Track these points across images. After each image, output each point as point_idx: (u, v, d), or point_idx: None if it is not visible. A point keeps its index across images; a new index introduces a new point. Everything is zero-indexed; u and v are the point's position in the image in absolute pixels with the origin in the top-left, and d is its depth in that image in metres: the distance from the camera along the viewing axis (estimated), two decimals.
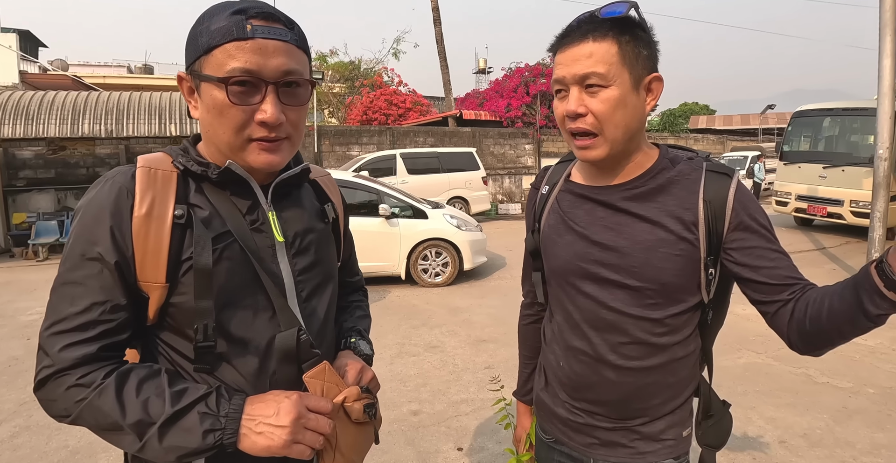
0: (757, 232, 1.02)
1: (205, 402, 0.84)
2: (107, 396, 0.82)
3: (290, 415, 0.84)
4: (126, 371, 0.85)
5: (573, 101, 1.01)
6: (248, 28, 0.83)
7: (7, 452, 3.16)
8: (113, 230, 0.85)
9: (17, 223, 11.04)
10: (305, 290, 1.00)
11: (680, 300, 1.07)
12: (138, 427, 0.81)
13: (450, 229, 7.04)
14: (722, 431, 1.20)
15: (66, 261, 0.87)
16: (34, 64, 19.85)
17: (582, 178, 1.17)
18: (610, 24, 0.99)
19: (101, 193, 0.87)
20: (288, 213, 1.00)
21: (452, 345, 4.87)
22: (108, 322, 0.85)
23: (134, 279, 0.87)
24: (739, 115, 29.90)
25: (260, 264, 0.92)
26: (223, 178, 0.92)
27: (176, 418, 0.82)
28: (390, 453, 3.05)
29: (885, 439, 3.10)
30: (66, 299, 0.86)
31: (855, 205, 9.02)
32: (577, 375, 1.15)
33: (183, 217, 0.88)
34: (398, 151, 12.63)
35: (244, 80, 0.84)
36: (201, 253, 0.87)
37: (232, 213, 0.92)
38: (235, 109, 0.85)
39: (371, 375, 1.05)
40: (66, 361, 0.83)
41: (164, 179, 0.90)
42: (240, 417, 0.84)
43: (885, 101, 6.47)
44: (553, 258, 1.17)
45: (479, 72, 41.96)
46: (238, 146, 0.89)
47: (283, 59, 0.86)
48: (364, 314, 1.27)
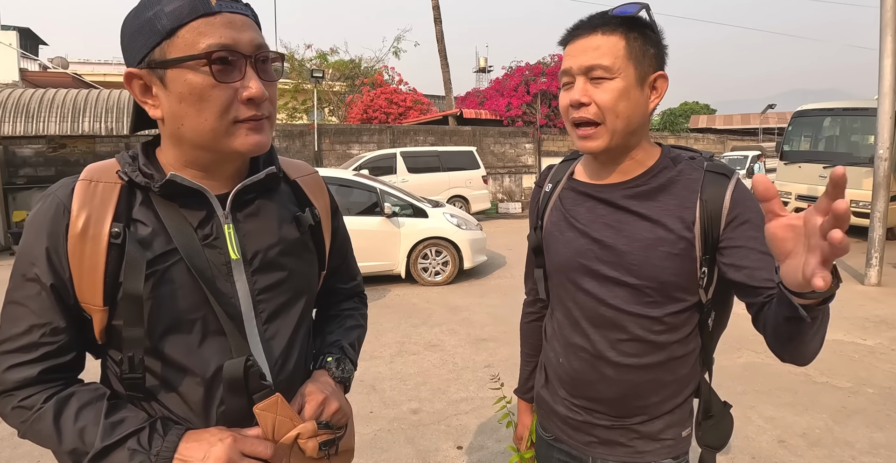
0: (746, 232, 1.03)
1: (136, 437, 0.79)
2: (45, 422, 0.80)
3: (220, 461, 0.78)
4: (66, 397, 0.82)
5: (577, 90, 1.03)
6: (212, 2, 0.78)
7: (7, 450, 3.17)
8: (49, 251, 0.81)
9: (17, 221, 11.04)
10: (266, 310, 0.91)
11: (679, 299, 1.08)
12: (74, 455, 0.79)
13: (450, 228, 7.05)
14: (722, 432, 1.20)
15: (11, 280, 0.84)
16: (34, 62, 19.84)
17: (585, 176, 1.18)
18: (620, 20, 1.02)
19: (41, 210, 0.83)
20: (250, 225, 0.91)
21: (452, 344, 4.87)
22: (48, 344, 0.82)
23: (73, 300, 0.83)
24: (740, 114, 29.86)
25: (208, 285, 0.84)
26: (167, 191, 0.84)
27: (106, 453, 0.78)
28: (390, 452, 3.06)
29: (884, 439, 3.10)
30: (9, 320, 0.83)
31: (855, 205, 9.01)
32: (577, 371, 1.16)
33: (119, 236, 0.81)
34: (398, 150, 12.64)
35: (223, 56, 0.78)
36: (132, 278, 0.80)
37: (180, 229, 0.85)
38: (219, 89, 0.79)
39: (335, 408, 0.95)
40: (8, 383, 0.82)
41: (105, 193, 0.83)
42: (171, 457, 0.79)
43: (885, 101, 6.47)
44: (554, 255, 1.18)
45: (479, 70, 41.96)
46: (223, 131, 0.82)
47: (252, 33, 0.81)
48: (355, 324, 1.17)
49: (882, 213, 6.65)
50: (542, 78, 16.63)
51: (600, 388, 1.14)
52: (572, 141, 1.11)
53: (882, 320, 5.24)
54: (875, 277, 6.59)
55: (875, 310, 5.59)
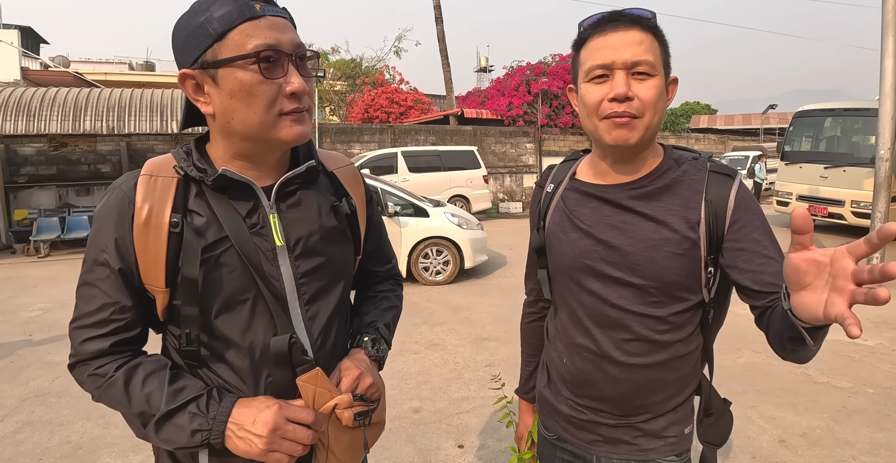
0: (750, 235, 1.03)
1: (196, 403, 0.90)
2: (116, 388, 0.91)
3: (267, 427, 0.88)
4: (135, 366, 0.93)
5: (622, 83, 0.99)
6: (256, 7, 0.86)
7: (9, 447, 3.17)
8: (117, 240, 0.90)
9: (18, 220, 11.05)
10: (308, 293, 1.00)
11: (683, 298, 1.09)
12: (141, 418, 0.90)
13: (451, 228, 7.05)
14: (723, 428, 1.21)
15: (84, 264, 0.94)
16: (36, 60, 19.84)
17: (588, 177, 1.18)
18: (648, 22, 1.02)
19: (108, 202, 0.93)
20: (293, 214, 0.99)
21: (453, 343, 4.88)
22: (118, 321, 0.93)
23: (139, 282, 0.92)
24: (741, 114, 29.86)
25: (256, 269, 0.93)
26: (219, 184, 0.93)
27: (170, 416, 0.89)
28: (391, 450, 3.06)
29: (885, 439, 3.11)
30: (84, 299, 0.93)
31: (856, 205, 9.02)
32: (581, 371, 1.16)
33: (178, 225, 0.90)
34: (399, 149, 12.64)
35: (269, 55, 0.86)
36: (189, 264, 0.90)
37: (231, 218, 0.93)
38: (266, 85, 0.87)
39: (369, 382, 1.03)
40: (84, 353, 0.93)
41: (164, 187, 0.92)
42: (226, 421, 0.90)
43: (886, 101, 6.47)
44: (558, 255, 1.18)
45: (480, 70, 41.92)
46: (270, 123, 0.90)
47: (292, 34, 0.90)
48: (390, 305, 1.26)
49: (883, 213, 6.65)
50: (543, 78, 16.61)
51: (604, 387, 1.14)
52: (597, 135, 1.06)
53: (883, 321, 5.24)
54: None
55: (876, 310, 5.58)
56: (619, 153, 1.08)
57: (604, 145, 1.08)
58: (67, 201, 11.78)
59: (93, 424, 3.45)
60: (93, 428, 3.39)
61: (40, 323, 5.68)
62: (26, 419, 3.52)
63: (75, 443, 3.22)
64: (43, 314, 6.03)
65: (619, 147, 1.05)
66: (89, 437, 3.29)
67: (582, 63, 1.06)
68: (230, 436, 0.89)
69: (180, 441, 0.89)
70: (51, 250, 10.23)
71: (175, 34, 0.91)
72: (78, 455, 3.09)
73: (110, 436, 3.29)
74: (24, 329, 5.47)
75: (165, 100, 10.48)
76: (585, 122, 1.08)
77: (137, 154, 12.38)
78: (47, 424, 3.44)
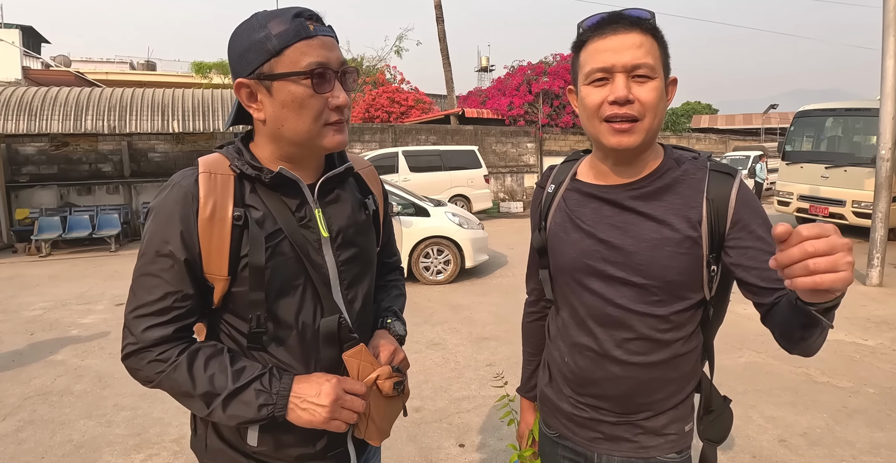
0: (754, 233, 1.04)
1: (260, 380, 0.98)
2: (181, 371, 0.97)
3: (330, 397, 0.98)
4: (195, 350, 1.00)
5: (622, 86, 1.00)
6: (310, 27, 0.95)
7: (12, 446, 3.18)
8: (182, 233, 0.97)
9: (19, 219, 11.07)
10: (347, 279, 1.11)
11: (684, 297, 1.09)
12: (206, 397, 0.97)
13: (452, 227, 7.06)
14: (723, 425, 1.21)
15: (144, 256, 1.00)
16: (37, 60, 19.86)
17: (589, 177, 1.18)
18: (648, 24, 1.03)
19: (170, 197, 0.99)
20: (332, 209, 1.09)
21: (454, 342, 4.89)
22: (179, 308, 0.99)
23: (201, 272, 0.99)
24: (742, 114, 29.83)
25: (307, 258, 1.03)
26: (275, 182, 1.02)
27: (237, 393, 0.97)
28: (392, 449, 3.07)
29: (885, 439, 3.11)
30: (144, 288, 0.99)
31: (857, 205, 9.02)
32: (582, 370, 1.17)
33: (241, 218, 0.98)
34: (400, 149, 12.65)
35: (321, 72, 0.95)
36: (255, 253, 0.98)
37: (283, 212, 1.02)
38: (315, 99, 0.97)
39: (402, 356, 1.17)
40: (147, 340, 0.98)
41: (223, 183, 1.00)
42: (288, 395, 0.98)
43: (887, 101, 6.46)
44: (560, 256, 1.18)
45: (481, 70, 41.89)
46: (316, 132, 1.00)
47: (338, 52, 0.99)
48: (399, 293, 1.39)
49: (884, 213, 6.64)
50: (544, 77, 16.61)
51: (606, 385, 1.15)
52: (598, 138, 1.07)
53: (883, 321, 5.25)
54: (876, 277, 6.59)
55: (876, 310, 5.59)
56: (620, 155, 1.09)
57: (605, 148, 1.08)
58: (68, 201, 11.79)
59: (94, 422, 3.46)
60: (94, 427, 3.40)
61: (42, 322, 5.69)
62: (28, 418, 3.53)
63: (77, 441, 3.23)
64: (44, 313, 6.04)
65: (620, 150, 1.05)
66: (91, 435, 3.30)
67: (582, 66, 1.06)
68: (293, 408, 0.98)
69: (248, 415, 0.97)
70: (52, 250, 10.25)
71: (232, 45, 0.99)
72: (80, 454, 3.10)
73: (112, 434, 3.30)
74: (26, 328, 5.48)
75: (166, 99, 10.50)
76: (586, 125, 1.09)
77: (138, 153, 12.39)
78: (49, 423, 3.45)
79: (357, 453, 1.18)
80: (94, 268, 8.80)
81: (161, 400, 3.74)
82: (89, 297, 6.81)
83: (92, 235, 10.49)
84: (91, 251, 10.44)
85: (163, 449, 3.14)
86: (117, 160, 12.28)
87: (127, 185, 12.20)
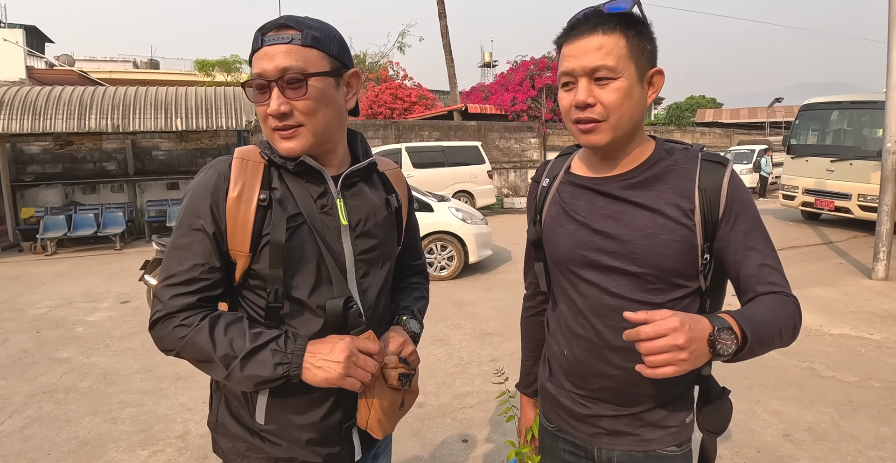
0: (739, 226, 1.06)
1: (276, 341, 1.03)
2: (202, 335, 1.02)
3: (344, 353, 1.02)
4: (217, 316, 1.06)
5: (582, 91, 1.03)
6: (261, 40, 1.03)
7: (18, 442, 3.21)
8: (212, 207, 1.05)
9: (25, 218, 11.13)
10: (363, 268, 1.16)
11: (680, 285, 1.10)
12: (225, 359, 1.01)
13: (455, 222, 7.05)
14: (722, 416, 1.21)
15: (177, 230, 1.07)
16: (41, 59, 19.92)
17: (582, 170, 1.20)
18: (617, 18, 1.02)
19: (206, 177, 1.08)
20: (354, 201, 1.16)
21: (458, 338, 4.89)
22: (205, 280, 1.06)
23: (226, 247, 1.06)
24: (746, 108, 29.67)
25: (324, 243, 1.08)
26: (299, 169, 1.09)
27: (254, 353, 1.01)
28: (395, 445, 3.07)
29: (890, 433, 3.10)
30: (175, 260, 1.06)
31: (863, 199, 8.96)
32: (582, 362, 1.17)
33: (266, 200, 1.06)
34: (403, 145, 12.63)
35: (258, 83, 1.04)
36: (277, 231, 1.04)
37: (305, 198, 1.09)
38: (259, 107, 1.06)
39: (412, 349, 1.20)
40: (173, 307, 1.04)
41: (254, 169, 1.09)
42: (303, 354, 1.03)
43: (893, 94, 6.41)
44: (555, 248, 1.19)
45: (484, 65, 41.76)
46: (269, 135, 1.08)
47: (281, 60, 1.01)
48: (421, 296, 1.42)
49: (889, 207, 6.59)
50: (547, 72, 16.55)
51: (606, 377, 1.15)
52: (574, 137, 1.12)
53: (889, 315, 5.22)
54: (882, 271, 6.55)
55: (882, 304, 5.57)
56: (598, 152, 1.13)
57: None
58: (73, 199, 11.85)
59: (100, 419, 3.48)
60: (100, 424, 3.43)
61: (48, 320, 5.72)
62: (34, 415, 3.56)
63: (83, 438, 3.25)
64: (50, 311, 6.08)
65: (592, 148, 1.11)
66: (96, 432, 3.32)
67: (558, 69, 1.10)
68: (308, 367, 1.02)
69: (264, 374, 1.01)
70: (57, 248, 10.29)
71: None
72: (85, 450, 3.12)
73: (117, 431, 3.32)
74: (32, 326, 5.52)
75: (170, 97, 10.51)
76: (566, 124, 1.12)
77: (142, 152, 12.43)
78: (55, 420, 3.48)
79: (363, 447, 1.21)
80: (100, 266, 8.84)
81: (165, 397, 3.77)
82: (94, 295, 6.84)
83: (97, 233, 10.55)
84: (96, 249, 10.49)
85: (167, 445, 3.15)
86: (121, 159, 12.33)
87: (131, 184, 12.25)
